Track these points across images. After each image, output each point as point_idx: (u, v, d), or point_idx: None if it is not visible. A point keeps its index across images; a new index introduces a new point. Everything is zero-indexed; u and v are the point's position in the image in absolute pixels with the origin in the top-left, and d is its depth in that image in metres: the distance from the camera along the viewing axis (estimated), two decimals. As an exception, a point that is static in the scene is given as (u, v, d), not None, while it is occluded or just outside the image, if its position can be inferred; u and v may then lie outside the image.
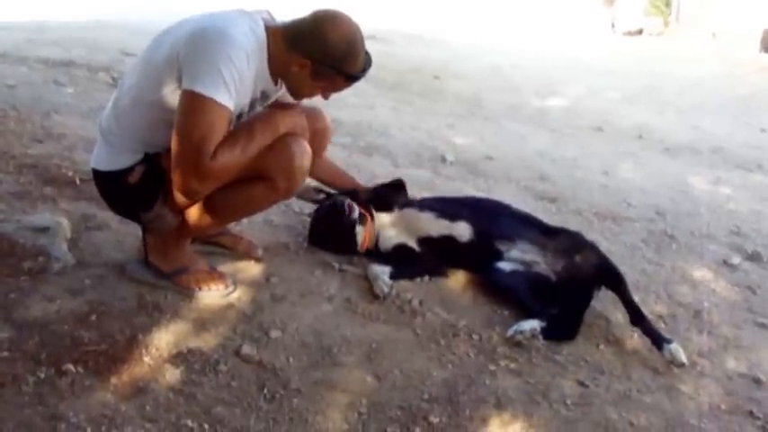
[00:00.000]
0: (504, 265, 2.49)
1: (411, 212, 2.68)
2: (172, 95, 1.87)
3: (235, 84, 1.82)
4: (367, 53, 2.01)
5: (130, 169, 2.01)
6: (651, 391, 2.09)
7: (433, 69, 7.07)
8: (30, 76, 4.52)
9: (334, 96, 2.13)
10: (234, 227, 2.50)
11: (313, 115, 2.25)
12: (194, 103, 1.79)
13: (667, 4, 13.27)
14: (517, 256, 2.53)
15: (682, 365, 2.20)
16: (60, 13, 7.20)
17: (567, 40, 11.24)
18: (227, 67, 1.79)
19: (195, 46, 1.81)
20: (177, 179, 1.87)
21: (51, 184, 2.80)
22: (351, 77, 2.01)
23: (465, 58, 8.08)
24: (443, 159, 4.10)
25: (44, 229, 2.31)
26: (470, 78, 7.01)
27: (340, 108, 4.57)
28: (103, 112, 2.09)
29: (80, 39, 5.92)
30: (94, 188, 2.18)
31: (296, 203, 2.91)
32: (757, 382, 2.21)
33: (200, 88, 1.78)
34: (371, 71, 2.07)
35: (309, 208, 2.92)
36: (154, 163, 2.01)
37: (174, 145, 1.83)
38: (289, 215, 2.85)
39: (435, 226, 2.62)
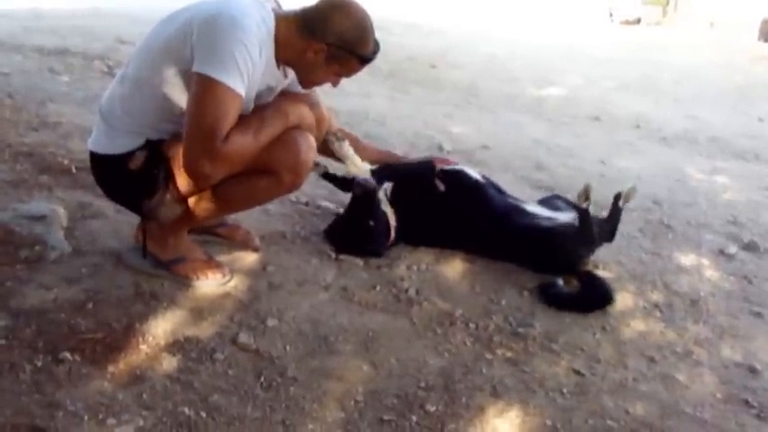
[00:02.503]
0: (537, 210, 2.70)
1: None
2: (178, 76, 1.87)
3: (248, 71, 1.83)
4: (375, 37, 2.04)
5: (131, 154, 1.99)
6: (647, 379, 2.10)
7: (430, 58, 7.04)
8: (25, 65, 4.50)
9: (331, 86, 2.13)
10: (231, 216, 2.49)
11: (310, 104, 2.24)
12: (208, 87, 1.80)
13: (666, -6, 13.26)
14: (534, 210, 2.71)
15: None
16: (56, 1, 7.15)
17: (564, 29, 11.22)
18: (242, 54, 1.80)
19: (209, 30, 1.81)
20: (188, 162, 1.86)
21: (47, 172, 2.79)
22: (364, 59, 2.03)
23: (462, 47, 8.06)
24: (440, 149, 4.09)
25: (40, 218, 2.31)
26: (467, 67, 6.99)
27: (336, 97, 4.54)
28: (105, 93, 2.08)
29: (76, 26, 5.88)
30: (90, 176, 2.17)
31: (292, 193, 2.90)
32: (753, 371, 2.22)
33: (213, 72, 1.79)
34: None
35: (306, 196, 2.93)
36: (156, 150, 1.99)
37: (186, 128, 1.83)
38: (285, 204, 2.85)
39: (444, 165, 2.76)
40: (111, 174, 2.07)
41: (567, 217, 2.64)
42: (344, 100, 4.71)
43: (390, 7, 9.98)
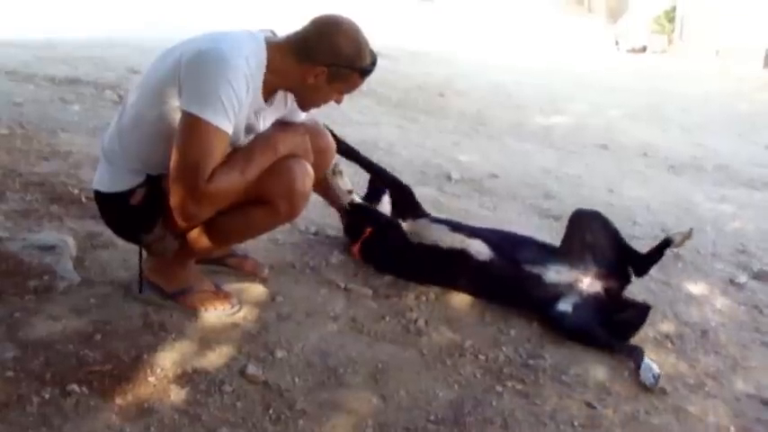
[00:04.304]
0: (564, 307, 2.42)
1: (423, 222, 2.70)
2: (172, 113, 1.86)
3: (233, 108, 1.81)
4: (370, 48, 2.01)
5: (132, 191, 2.00)
6: (659, 412, 2.07)
7: (438, 86, 7.08)
8: (37, 94, 4.54)
9: (339, 113, 2.13)
10: (239, 246, 2.50)
11: (315, 133, 2.24)
12: (191, 126, 1.79)
13: (671, 22, 13.34)
14: (555, 279, 2.48)
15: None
16: (69, 31, 7.24)
17: (571, 57, 11.28)
18: (226, 91, 1.79)
19: (196, 68, 1.81)
20: (174, 202, 1.85)
21: (57, 202, 2.80)
22: (365, 71, 2.01)
23: (469, 76, 8.11)
24: (449, 177, 4.10)
25: (50, 248, 2.31)
26: (475, 96, 7.02)
27: (345, 125, 4.57)
28: (106, 131, 2.08)
29: (87, 56, 5.94)
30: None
31: (301, 222, 2.91)
32: (765, 403, 2.19)
33: (197, 111, 1.78)
34: (377, 89, 2.08)
35: (315, 226, 2.93)
36: (155, 185, 1.99)
37: (171, 167, 1.83)
38: (294, 234, 2.85)
39: (448, 238, 2.59)
40: (114, 210, 2.08)
41: (591, 287, 2.50)
42: (353, 129, 4.73)
43: (398, 36, 10.08)
